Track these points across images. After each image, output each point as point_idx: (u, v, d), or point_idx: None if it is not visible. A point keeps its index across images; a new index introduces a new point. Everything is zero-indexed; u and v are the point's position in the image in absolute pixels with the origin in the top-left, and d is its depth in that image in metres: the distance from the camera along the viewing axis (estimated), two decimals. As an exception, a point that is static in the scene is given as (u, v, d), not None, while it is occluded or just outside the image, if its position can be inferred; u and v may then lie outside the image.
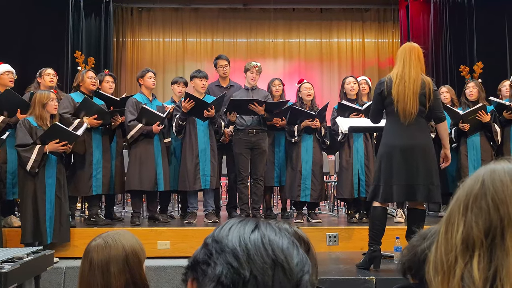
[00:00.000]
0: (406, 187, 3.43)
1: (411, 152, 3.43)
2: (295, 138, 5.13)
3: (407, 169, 3.42)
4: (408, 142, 3.43)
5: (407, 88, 3.41)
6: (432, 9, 9.29)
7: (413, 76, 3.44)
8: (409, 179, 3.41)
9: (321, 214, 5.95)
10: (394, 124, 3.49)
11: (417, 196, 3.45)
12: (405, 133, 3.44)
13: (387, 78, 3.52)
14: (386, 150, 3.50)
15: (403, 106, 3.42)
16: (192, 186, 4.97)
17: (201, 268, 0.70)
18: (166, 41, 10.59)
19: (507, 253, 0.64)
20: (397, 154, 3.43)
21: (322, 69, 10.65)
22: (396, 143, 3.45)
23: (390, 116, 3.53)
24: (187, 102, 4.86)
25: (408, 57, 3.48)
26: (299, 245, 0.74)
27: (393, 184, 3.44)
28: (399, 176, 3.42)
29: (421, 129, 3.52)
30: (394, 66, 3.57)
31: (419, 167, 3.42)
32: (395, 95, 3.42)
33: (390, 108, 3.50)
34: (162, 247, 4.44)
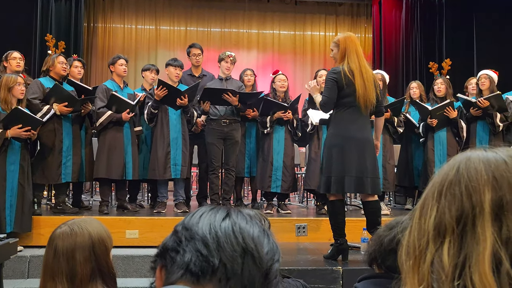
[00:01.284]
0: (357, 179, 3.44)
1: (363, 145, 3.45)
2: (267, 129, 5.14)
3: (359, 161, 3.43)
4: (361, 135, 3.46)
5: (366, 80, 3.42)
6: (404, 6, 9.44)
7: (367, 68, 3.48)
8: (360, 171, 3.43)
9: (290, 205, 5.99)
10: (350, 116, 3.47)
11: (365, 189, 3.47)
12: (359, 125, 3.46)
13: (343, 69, 3.43)
14: (339, 141, 3.46)
15: (365, 98, 3.42)
16: (162, 175, 4.92)
17: (170, 255, 0.69)
18: (139, 28, 10.40)
19: (477, 241, 0.65)
20: (351, 146, 3.43)
21: (295, 61, 10.69)
22: (352, 135, 3.44)
23: (345, 108, 3.48)
24: (160, 89, 4.80)
25: (359, 49, 3.49)
26: (270, 233, 0.73)
27: (345, 175, 3.43)
28: (351, 168, 3.42)
29: (368, 122, 3.58)
30: (347, 58, 3.46)
31: (368, 160, 3.46)
32: (358, 88, 3.40)
33: (347, 99, 3.45)
34: (130, 236, 4.39)
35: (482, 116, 5.20)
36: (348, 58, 3.45)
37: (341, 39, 3.53)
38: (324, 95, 3.50)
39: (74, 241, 1.54)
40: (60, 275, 1.52)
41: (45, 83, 4.65)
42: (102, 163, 4.78)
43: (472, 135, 5.29)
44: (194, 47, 5.55)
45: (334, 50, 3.57)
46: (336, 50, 3.54)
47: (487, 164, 0.68)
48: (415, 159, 5.64)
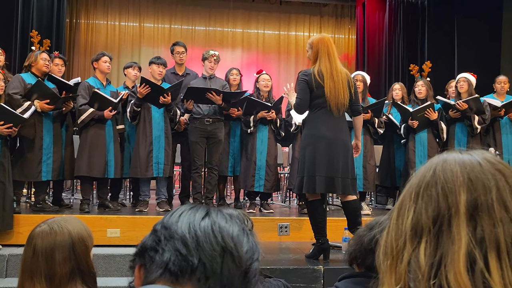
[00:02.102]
0: (327, 178, 3.45)
1: (335, 144, 3.48)
2: (250, 128, 5.15)
3: (329, 161, 3.45)
4: (334, 135, 3.48)
5: (336, 83, 3.45)
6: (388, 7, 9.54)
7: (340, 70, 3.50)
8: (330, 171, 3.45)
9: (273, 204, 6.01)
10: (322, 116, 3.49)
11: (336, 189, 3.50)
12: (331, 126, 3.49)
13: (313, 71, 3.47)
14: (311, 140, 3.49)
15: (336, 100, 3.46)
16: (144, 173, 4.89)
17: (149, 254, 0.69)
18: (122, 25, 10.31)
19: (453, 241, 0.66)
20: (322, 146, 3.46)
21: (280, 61, 10.72)
22: (322, 134, 3.47)
23: (318, 108, 3.51)
24: (143, 87, 4.76)
25: (331, 51, 3.52)
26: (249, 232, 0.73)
27: (316, 175, 3.45)
28: (321, 168, 3.44)
29: (344, 123, 3.60)
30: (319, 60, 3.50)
31: (340, 160, 3.48)
32: (328, 92, 3.44)
33: (318, 101, 3.49)
34: (111, 235, 4.35)
35: (460, 118, 5.29)
36: (320, 60, 3.49)
37: (314, 41, 3.57)
38: (297, 97, 3.55)
39: (54, 240, 1.52)
40: (38, 274, 1.50)
41: (27, 79, 4.58)
42: (83, 161, 4.73)
43: (451, 137, 5.38)
44: (177, 45, 5.52)
45: (309, 52, 3.61)
46: (310, 51, 3.58)
47: (462, 166, 0.69)
48: (396, 160, 5.71)
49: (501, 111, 5.34)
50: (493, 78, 5.71)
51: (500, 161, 0.72)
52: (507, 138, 5.41)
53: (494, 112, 5.35)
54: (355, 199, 3.65)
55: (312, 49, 3.55)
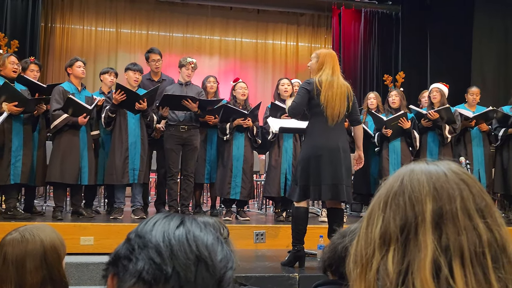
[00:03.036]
0: (333, 186, 3.56)
1: (336, 153, 3.59)
2: (226, 136, 5.15)
3: (333, 169, 3.56)
4: (334, 144, 3.59)
5: (335, 94, 3.57)
6: (363, 18, 9.72)
7: (340, 83, 3.63)
8: (335, 179, 3.56)
9: (249, 212, 6.02)
10: (321, 126, 3.61)
11: (341, 196, 3.59)
12: (331, 134, 3.60)
13: (315, 80, 3.60)
14: (314, 151, 3.59)
15: (331, 110, 3.57)
16: (119, 180, 4.83)
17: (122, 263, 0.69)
18: (99, 30, 10.21)
19: (419, 248, 0.68)
20: (325, 155, 3.56)
21: (257, 69, 10.78)
22: (324, 144, 3.57)
23: (317, 118, 3.63)
24: (119, 93, 4.72)
25: (336, 64, 3.66)
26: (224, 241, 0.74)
27: (322, 184, 3.55)
28: (326, 176, 3.55)
29: (343, 131, 3.73)
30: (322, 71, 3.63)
31: (342, 168, 3.59)
32: (324, 101, 3.55)
33: (317, 109, 3.60)
34: (85, 243, 4.28)
35: (432, 127, 5.41)
36: (323, 71, 3.62)
37: (322, 53, 3.72)
38: (294, 100, 3.65)
39: (25, 249, 1.49)
40: (8, 283, 1.47)
41: (-4, 83, 4.48)
42: (56, 167, 4.64)
43: (423, 146, 5.50)
44: (153, 53, 5.46)
45: (313, 61, 3.72)
46: (315, 61, 3.70)
47: (428, 176, 0.72)
48: (371, 167, 5.80)
49: (472, 122, 5.48)
50: (464, 88, 5.87)
51: (465, 172, 0.75)
52: (477, 148, 5.55)
53: (465, 122, 5.49)
54: (342, 208, 3.78)
55: (317, 59, 3.67)
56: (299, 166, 3.72)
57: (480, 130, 5.56)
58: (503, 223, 0.72)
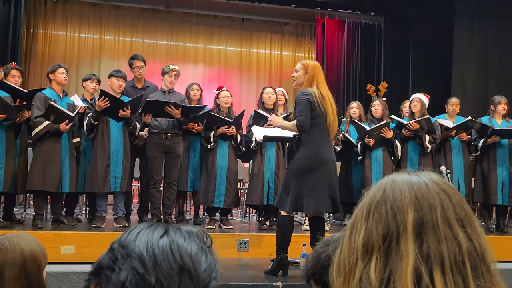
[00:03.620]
0: (330, 198, 3.60)
1: (332, 165, 3.66)
2: (211, 144, 5.14)
3: (330, 181, 3.61)
4: (331, 157, 3.66)
5: (332, 109, 3.63)
6: (346, 28, 9.85)
7: (331, 97, 3.67)
8: (332, 191, 3.62)
9: (233, 220, 6.00)
10: (320, 138, 3.61)
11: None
12: (328, 147, 3.67)
13: (313, 91, 3.58)
14: (313, 162, 3.56)
15: (333, 126, 3.64)
16: (101, 188, 4.78)
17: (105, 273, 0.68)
18: (82, 36, 10.14)
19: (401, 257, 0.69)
20: (323, 167, 3.58)
21: (241, 77, 10.81)
22: (327, 157, 3.62)
23: (315, 129, 3.59)
24: (102, 100, 4.68)
25: (324, 78, 3.70)
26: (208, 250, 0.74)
27: (319, 196, 3.57)
28: (323, 188, 3.58)
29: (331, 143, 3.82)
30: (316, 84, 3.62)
31: (336, 180, 3.69)
32: (330, 115, 3.60)
33: (318, 120, 3.59)
34: (65, 251, 4.21)
35: (413, 137, 5.49)
36: (318, 85, 3.63)
37: (311, 65, 3.69)
38: (301, 114, 3.54)
39: (4, 258, 1.47)
40: (-14, 293, 1.45)
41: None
42: (37, 174, 4.57)
43: (404, 155, 5.57)
44: (136, 59, 5.44)
45: (300, 72, 3.68)
46: (302, 73, 3.66)
47: (410, 186, 0.74)
48: (354, 176, 5.85)
49: (452, 132, 5.58)
50: (445, 99, 5.97)
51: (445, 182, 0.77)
52: (457, 158, 5.64)
53: (445, 132, 5.58)
54: (323, 217, 3.81)
55: (306, 71, 3.65)
56: (293, 176, 3.63)
57: (460, 140, 5.66)
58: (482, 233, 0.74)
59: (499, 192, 5.48)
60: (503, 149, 5.56)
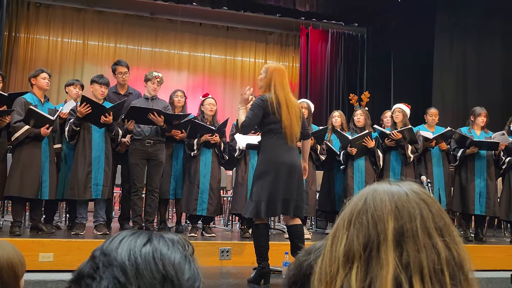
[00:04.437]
0: (283, 201, 3.60)
1: (293, 169, 3.63)
2: (194, 151, 5.12)
3: (286, 184, 3.60)
4: (291, 160, 3.63)
5: (291, 113, 3.61)
6: (330, 39, 9.95)
7: (293, 101, 3.67)
8: (286, 194, 3.60)
9: (215, 228, 5.97)
10: (276, 143, 3.62)
11: (289, 211, 3.63)
12: (290, 151, 3.64)
13: (270, 97, 3.58)
14: (272, 166, 3.59)
15: (290, 130, 3.60)
16: (82, 195, 4.71)
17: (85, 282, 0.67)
18: (65, 41, 10.03)
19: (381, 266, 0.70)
20: (282, 171, 3.59)
21: (225, 85, 10.82)
22: (283, 160, 3.60)
23: (271, 134, 3.63)
24: (83, 106, 4.63)
25: (285, 81, 3.68)
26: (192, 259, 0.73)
27: (277, 199, 3.58)
28: (279, 191, 3.58)
29: (296, 148, 3.76)
30: (273, 88, 3.62)
31: (294, 184, 3.63)
32: (285, 120, 3.58)
33: (272, 126, 3.61)
34: (44, 259, 4.13)
35: (395, 147, 5.56)
36: (275, 88, 3.61)
37: (270, 68, 3.69)
38: (248, 117, 3.59)
39: (-20, 266, 1.43)
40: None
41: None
42: (15, 180, 4.49)
43: (386, 165, 5.63)
44: (120, 65, 5.40)
45: (262, 75, 3.72)
46: (263, 76, 3.69)
47: (390, 196, 0.75)
48: (336, 185, 5.88)
49: (432, 142, 5.66)
50: (425, 109, 6.07)
51: (425, 192, 0.79)
52: (437, 168, 5.73)
53: (425, 143, 5.66)
54: (301, 224, 3.77)
55: (266, 74, 3.66)
56: (253, 182, 3.72)
57: (440, 150, 5.75)
58: (460, 242, 0.75)
59: (477, 202, 5.58)
60: (481, 160, 5.66)
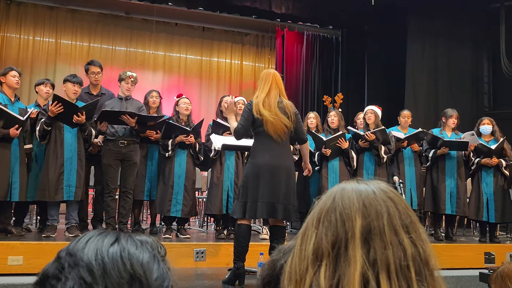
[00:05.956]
0: (269, 204, 3.62)
1: (277, 172, 3.65)
2: (168, 152, 5.09)
3: (271, 187, 3.62)
4: (275, 162, 3.65)
5: (276, 113, 3.65)
6: (305, 41, 10.03)
7: (275, 100, 3.69)
8: (272, 197, 3.62)
9: (190, 229, 5.94)
10: (263, 145, 3.69)
11: (277, 214, 3.65)
12: (274, 153, 3.66)
13: (255, 101, 3.70)
14: (255, 168, 3.66)
15: (273, 128, 3.64)
16: (53, 196, 4.62)
17: (50, 283, 0.65)
18: (37, 40, 9.81)
19: (349, 263, 0.71)
20: (265, 173, 3.62)
21: (201, 86, 10.78)
22: (265, 162, 3.64)
23: (259, 137, 3.71)
24: (55, 105, 4.54)
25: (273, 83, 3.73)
26: (160, 259, 0.72)
27: (258, 201, 3.61)
28: (263, 194, 3.61)
29: (287, 151, 3.79)
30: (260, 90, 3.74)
31: (282, 187, 3.65)
32: (265, 119, 3.63)
33: (260, 129, 3.69)
34: (13, 263, 4.03)
35: (368, 148, 5.64)
36: (261, 91, 3.71)
37: (262, 73, 3.83)
38: (239, 123, 3.72)
39: None
40: None
41: None
42: (-16, 182, 4.37)
43: (360, 165, 5.71)
44: (93, 65, 5.32)
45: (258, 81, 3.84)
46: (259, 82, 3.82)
47: (358, 194, 0.76)
48: (311, 186, 5.93)
49: (404, 143, 5.77)
50: (398, 111, 6.18)
51: (392, 190, 0.80)
52: (409, 168, 5.84)
53: (397, 143, 5.77)
54: (284, 226, 3.81)
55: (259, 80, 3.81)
56: (241, 183, 3.80)
57: (412, 151, 5.86)
58: (426, 239, 0.77)
59: (447, 202, 5.71)
60: (451, 161, 5.80)
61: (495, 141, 5.80)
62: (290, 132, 3.74)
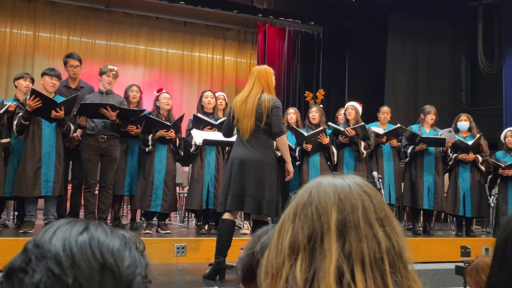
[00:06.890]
0: (238, 197, 3.65)
1: (247, 165, 3.66)
2: (149, 147, 5.05)
3: (240, 180, 3.65)
4: (244, 156, 3.68)
5: (247, 109, 3.68)
6: (287, 36, 10.05)
7: (253, 96, 3.71)
8: (241, 190, 3.65)
9: (171, 225, 5.92)
10: (238, 140, 3.79)
11: (245, 207, 3.68)
12: (244, 147, 3.70)
13: (235, 100, 3.81)
14: (229, 163, 3.79)
15: (241, 124, 3.71)
16: (30, 192, 4.54)
17: (17, 276, 0.63)
18: (14, 32, 9.61)
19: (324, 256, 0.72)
20: (235, 166, 3.68)
21: (182, 80, 10.71)
22: (236, 156, 3.71)
23: (238, 133, 3.81)
24: (33, 100, 4.46)
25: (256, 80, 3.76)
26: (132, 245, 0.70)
27: (229, 193, 3.66)
28: (234, 186, 3.65)
29: (259, 144, 3.71)
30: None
31: (251, 180, 3.64)
32: (237, 115, 3.72)
33: (237, 126, 3.78)
34: (-11, 259, 3.96)
35: (349, 143, 5.70)
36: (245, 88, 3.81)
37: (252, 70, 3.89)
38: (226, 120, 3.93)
39: None
40: None
41: None
42: (-40, 177, 4.28)
43: (340, 161, 5.76)
44: (72, 58, 5.23)
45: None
46: None
47: (334, 188, 0.77)
48: (292, 181, 5.94)
49: (383, 139, 5.84)
50: (378, 107, 6.25)
51: (367, 184, 0.82)
52: (388, 164, 5.92)
53: (377, 139, 5.84)
54: (267, 221, 3.80)
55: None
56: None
57: (391, 146, 5.94)
58: (401, 232, 0.79)
59: (425, 197, 5.80)
60: (430, 157, 5.90)
61: (472, 137, 5.92)
62: (264, 127, 3.70)
